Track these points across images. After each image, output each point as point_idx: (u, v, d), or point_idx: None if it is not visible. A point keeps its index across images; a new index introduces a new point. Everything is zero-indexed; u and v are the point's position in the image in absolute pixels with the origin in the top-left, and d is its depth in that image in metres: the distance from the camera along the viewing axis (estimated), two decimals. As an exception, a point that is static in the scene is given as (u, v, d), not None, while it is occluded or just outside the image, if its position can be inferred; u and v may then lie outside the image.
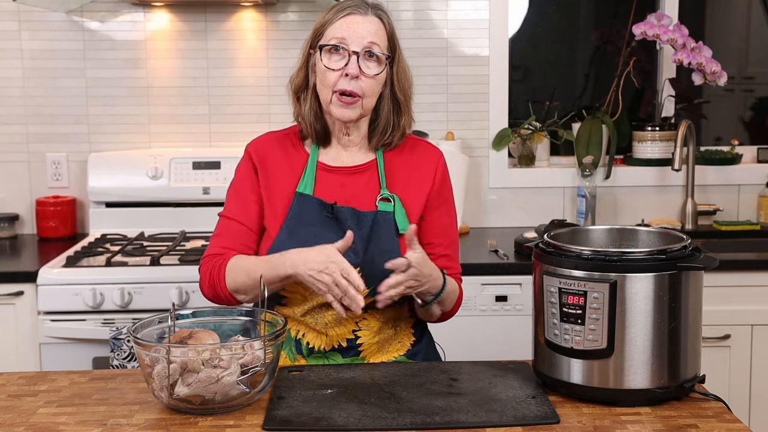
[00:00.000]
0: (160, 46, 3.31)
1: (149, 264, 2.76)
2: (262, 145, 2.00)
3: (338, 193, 1.92)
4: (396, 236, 1.89)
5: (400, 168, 1.97)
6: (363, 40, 1.86)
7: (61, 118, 3.33)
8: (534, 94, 3.57)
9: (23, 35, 3.28)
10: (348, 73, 1.85)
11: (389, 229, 1.89)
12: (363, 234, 1.87)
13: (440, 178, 1.98)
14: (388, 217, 1.90)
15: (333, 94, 1.87)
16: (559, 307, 1.61)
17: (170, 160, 3.24)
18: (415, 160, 1.98)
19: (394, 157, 1.98)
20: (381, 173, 1.94)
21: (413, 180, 1.96)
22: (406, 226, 1.89)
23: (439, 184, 1.98)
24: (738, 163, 3.42)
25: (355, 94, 1.86)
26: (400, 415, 1.55)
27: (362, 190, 1.93)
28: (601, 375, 1.60)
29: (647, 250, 1.61)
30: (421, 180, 1.96)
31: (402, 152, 1.99)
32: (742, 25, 3.70)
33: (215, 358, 1.54)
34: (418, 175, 1.97)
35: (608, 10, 3.69)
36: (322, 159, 1.97)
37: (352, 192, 1.93)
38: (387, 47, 1.90)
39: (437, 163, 1.99)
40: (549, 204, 3.39)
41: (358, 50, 1.85)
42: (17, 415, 1.60)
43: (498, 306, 2.79)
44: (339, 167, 1.96)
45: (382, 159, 1.96)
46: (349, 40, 1.85)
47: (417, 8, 3.32)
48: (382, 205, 1.91)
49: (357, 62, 1.85)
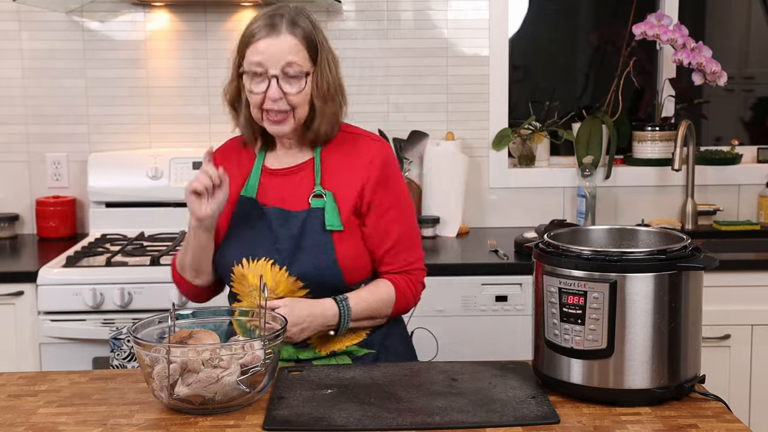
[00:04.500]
0: (160, 46, 3.31)
1: (149, 264, 2.76)
2: (221, 152, 2.08)
3: (277, 194, 1.96)
4: (324, 232, 1.91)
5: (337, 162, 1.97)
6: (280, 61, 1.86)
7: (61, 118, 3.33)
8: (534, 94, 3.57)
9: (23, 35, 3.28)
10: (269, 97, 1.87)
11: (318, 226, 1.91)
12: (291, 233, 1.91)
13: (377, 171, 1.94)
14: (318, 214, 1.92)
15: (263, 113, 1.91)
16: (559, 307, 1.61)
17: (170, 160, 3.24)
18: (353, 154, 1.97)
19: (332, 151, 1.98)
20: (317, 170, 1.96)
21: (348, 174, 1.95)
22: (335, 222, 1.91)
23: (376, 177, 1.94)
24: (738, 163, 3.42)
25: (282, 111, 1.89)
26: (400, 415, 1.55)
27: (297, 189, 1.96)
28: (601, 375, 1.60)
29: (647, 250, 1.61)
30: (356, 172, 1.95)
31: (341, 146, 1.99)
32: (742, 25, 3.70)
33: (215, 358, 1.54)
34: (354, 167, 1.95)
35: (608, 10, 3.69)
36: (268, 161, 2.01)
37: (289, 192, 1.96)
38: (307, 58, 1.89)
39: (374, 155, 1.96)
40: (549, 204, 3.39)
41: (276, 73, 1.86)
42: (17, 415, 1.60)
43: (498, 306, 2.79)
44: (279, 169, 2.00)
45: (319, 155, 1.97)
46: (266, 63, 1.86)
47: (417, 8, 3.32)
48: (314, 201, 1.93)
49: (277, 84, 1.87)
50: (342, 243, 1.91)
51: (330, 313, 1.90)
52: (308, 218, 1.91)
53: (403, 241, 1.98)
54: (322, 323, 1.89)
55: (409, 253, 1.99)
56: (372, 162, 1.95)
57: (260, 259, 1.91)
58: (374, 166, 1.95)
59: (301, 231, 1.91)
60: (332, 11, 3.29)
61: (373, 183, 1.94)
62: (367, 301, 1.94)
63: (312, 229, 1.91)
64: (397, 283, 1.98)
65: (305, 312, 1.87)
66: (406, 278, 1.99)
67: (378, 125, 3.29)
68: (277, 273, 1.90)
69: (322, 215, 1.91)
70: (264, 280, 1.78)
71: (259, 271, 1.90)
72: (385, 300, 1.96)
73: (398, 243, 1.97)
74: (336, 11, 3.28)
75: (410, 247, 2.00)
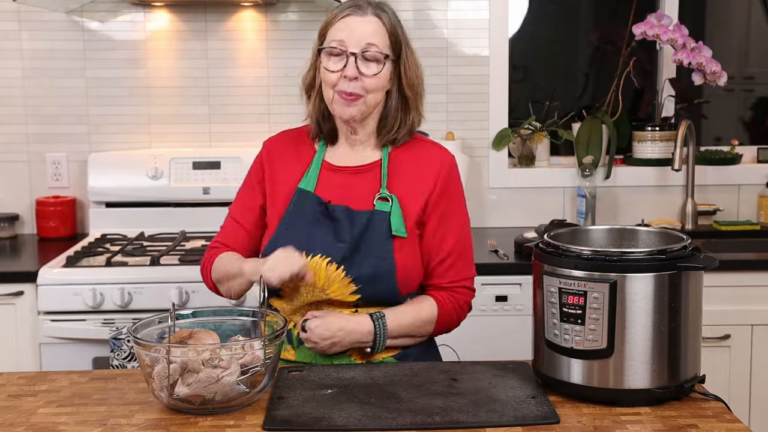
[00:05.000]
0: (160, 46, 3.31)
1: (149, 264, 2.76)
2: (274, 142, 2.04)
3: (338, 192, 1.93)
4: (388, 237, 1.88)
5: (404, 167, 1.95)
6: (361, 41, 1.86)
7: (61, 118, 3.33)
8: (534, 94, 3.58)
9: (23, 35, 3.28)
10: (346, 75, 1.86)
11: (382, 229, 1.88)
12: (355, 233, 1.87)
13: (443, 182, 1.93)
14: (383, 217, 1.89)
15: (335, 93, 1.89)
16: (559, 307, 1.61)
17: (170, 160, 3.24)
18: (421, 160, 1.96)
19: (400, 155, 1.96)
20: (384, 172, 1.93)
21: (415, 180, 1.93)
22: (400, 227, 1.88)
23: (441, 188, 1.93)
24: (738, 163, 3.42)
25: (355, 94, 1.87)
26: (400, 415, 1.55)
27: (363, 189, 1.92)
28: (601, 375, 1.60)
29: (647, 250, 1.61)
30: (423, 181, 1.93)
31: (409, 150, 1.97)
32: (742, 25, 3.70)
33: (215, 358, 1.54)
34: (422, 176, 1.93)
35: (608, 10, 3.69)
36: (328, 157, 1.98)
37: (353, 191, 1.93)
38: (388, 45, 1.89)
39: (442, 165, 1.94)
40: (549, 204, 3.39)
41: (356, 51, 1.86)
42: (17, 415, 1.60)
43: (498, 306, 2.79)
44: (343, 166, 1.96)
45: (387, 158, 1.95)
46: (348, 41, 1.86)
47: (417, 8, 3.32)
48: (379, 204, 1.90)
49: (355, 63, 1.86)
50: (402, 250, 1.88)
51: (364, 330, 1.86)
52: (372, 220, 1.88)
53: (457, 255, 1.95)
54: (355, 339, 1.87)
55: (460, 269, 1.96)
56: (440, 172, 1.93)
57: (317, 255, 1.86)
58: (442, 176, 1.93)
59: (363, 232, 1.87)
60: (332, 11, 3.28)
61: (438, 193, 1.92)
62: (408, 319, 1.90)
63: (375, 232, 1.88)
64: (442, 301, 1.94)
65: (337, 326, 1.84)
66: (452, 297, 1.95)
67: (378, 125, 3.30)
68: (332, 272, 1.85)
69: (386, 219, 1.88)
70: (264, 281, 1.78)
71: (314, 268, 1.85)
72: (427, 320, 1.93)
73: (451, 255, 1.94)
74: (336, 11, 3.28)
75: (463, 263, 1.97)
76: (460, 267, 1.96)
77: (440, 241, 1.93)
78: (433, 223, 1.93)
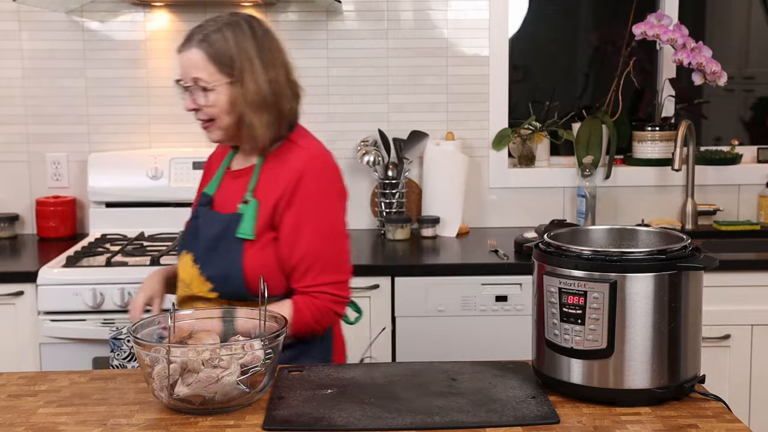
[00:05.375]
0: (160, 46, 3.31)
1: (149, 264, 2.76)
2: (216, 149, 2.21)
3: (225, 195, 2.04)
4: (237, 239, 1.94)
5: (271, 172, 1.99)
6: (188, 75, 1.96)
7: (61, 118, 3.33)
8: (534, 94, 3.57)
9: (23, 35, 3.28)
10: (186, 108, 1.99)
11: (234, 232, 1.95)
12: (211, 234, 1.99)
13: (294, 187, 1.94)
14: (237, 220, 1.96)
15: None
16: (559, 307, 1.61)
17: (170, 160, 3.24)
18: (285, 166, 1.98)
19: (272, 160, 2.01)
20: (253, 177, 2.00)
21: (274, 185, 1.97)
22: (247, 230, 1.94)
23: (291, 192, 1.94)
24: (738, 163, 3.42)
25: (205, 121, 1.98)
26: (400, 415, 1.55)
27: (235, 193, 2.02)
28: (601, 375, 1.60)
29: (647, 250, 1.61)
30: (277, 186, 1.96)
31: (280, 156, 2.00)
32: (742, 25, 3.70)
33: (215, 358, 1.54)
34: (279, 181, 1.96)
35: (608, 10, 3.69)
36: (232, 163, 2.10)
37: (230, 194, 2.03)
38: (215, 72, 1.93)
39: (298, 170, 1.95)
40: (549, 204, 3.39)
41: (189, 85, 1.96)
42: (17, 415, 1.60)
43: (498, 306, 2.79)
44: (233, 171, 2.08)
45: (261, 163, 2.01)
46: (182, 76, 1.98)
47: (417, 8, 3.32)
48: (241, 208, 1.98)
49: (191, 96, 1.96)
50: (252, 252, 1.93)
51: None
52: (230, 223, 1.96)
53: (312, 260, 1.94)
54: None
55: (317, 274, 1.94)
56: (294, 177, 1.95)
57: (188, 253, 2.01)
58: (294, 181, 1.94)
59: (219, 234, 1.96)
60: (332, 11, 3.29)
61: (288, 198, 1.94)
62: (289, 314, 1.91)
63: (229, 234, 1.95)
64: (298, 305, 1.93)
65: None
66: (311, 301, 1.94)
67: (378, 125, 3.30)
68: (192, 270, 1.99)
69: (239, 221, 1.95)
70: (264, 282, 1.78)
71: (183, 265, 2.01)
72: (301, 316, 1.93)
73: (304, 260, 1.93)
74: (336, 11, 3.28)
75: (321, 268, 1.95)
76: (318, 272, 1.95)
77: (293, 245, 1.94)
78: (285, 228, 1.95)
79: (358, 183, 3.30)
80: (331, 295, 1.96)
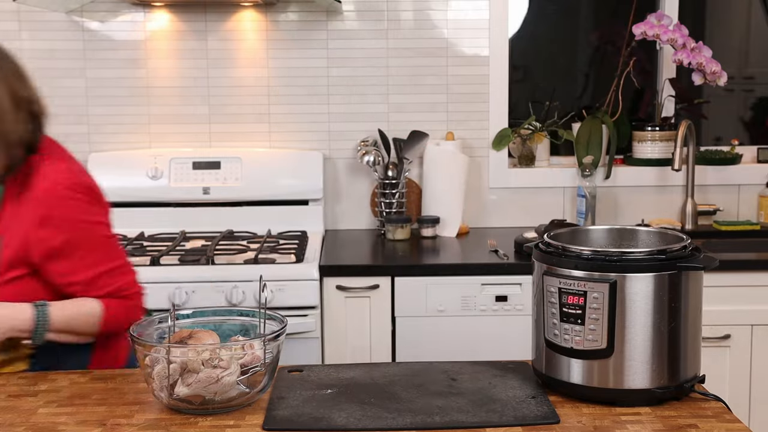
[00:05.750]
0: (160, 46, 3.31)
1: (149, 264, 2.76)
2: None
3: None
4: None
5: (13, 199, 1.84)
6: None
7: (61, 118, 3.32)
8: (534, 94, 3.58)
9: (23, 35, 3.28)
10: None
11: None
12: None
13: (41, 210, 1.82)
14: None
15: None
16: (559, 307, 1.61)
17: (170, 160, 3.24)
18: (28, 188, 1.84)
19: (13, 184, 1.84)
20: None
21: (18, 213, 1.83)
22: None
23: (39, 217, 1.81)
24: (738, 163, 3.42)
25: None
26: (400, 415, 1.55)
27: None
28: (601, 375, 1.60)
29: (647, 250, 1.61)
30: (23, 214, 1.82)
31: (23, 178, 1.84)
32: (742, 25, 3.70)
33: (215, 358, 1.54)
34: (22, 207, 1.82)
35: (608, 10, 3.69)
36: None
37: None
38: None
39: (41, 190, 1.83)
40: (549, 204, 3.39)
41: None
42: (17, 415, 1.60)
43: (498, 306, 2.79)
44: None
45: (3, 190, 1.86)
46: None
47: (417, 8, 3.32)
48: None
49: None
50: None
51: (23, 316, 1.80)
52: None
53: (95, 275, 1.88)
54: (13, 326, 1.80)
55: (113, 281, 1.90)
56: (37, 198, 1.82)
57: None
58: (38, 203, 1.82)
59: None
60: (332, 11, 3.29)
61: (37, 225, 1.82)
62: (69, 309, 1.85)
63: None
64: (107, 303, 1.89)
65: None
66: (119, 302, 1.91)
67: (378, 125, 3.30)
68: None
69: None
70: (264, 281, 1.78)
71: None
72: (89, 314, 1.87)
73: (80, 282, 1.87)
74: (336, 11, 3.28)
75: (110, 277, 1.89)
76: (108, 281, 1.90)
77: (71, 273, 1.86)
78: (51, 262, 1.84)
79: (358, 183, 3.30)
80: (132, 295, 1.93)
